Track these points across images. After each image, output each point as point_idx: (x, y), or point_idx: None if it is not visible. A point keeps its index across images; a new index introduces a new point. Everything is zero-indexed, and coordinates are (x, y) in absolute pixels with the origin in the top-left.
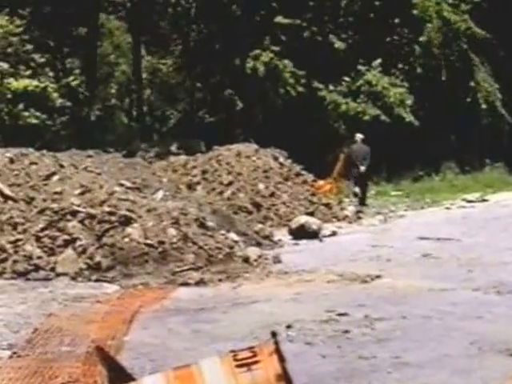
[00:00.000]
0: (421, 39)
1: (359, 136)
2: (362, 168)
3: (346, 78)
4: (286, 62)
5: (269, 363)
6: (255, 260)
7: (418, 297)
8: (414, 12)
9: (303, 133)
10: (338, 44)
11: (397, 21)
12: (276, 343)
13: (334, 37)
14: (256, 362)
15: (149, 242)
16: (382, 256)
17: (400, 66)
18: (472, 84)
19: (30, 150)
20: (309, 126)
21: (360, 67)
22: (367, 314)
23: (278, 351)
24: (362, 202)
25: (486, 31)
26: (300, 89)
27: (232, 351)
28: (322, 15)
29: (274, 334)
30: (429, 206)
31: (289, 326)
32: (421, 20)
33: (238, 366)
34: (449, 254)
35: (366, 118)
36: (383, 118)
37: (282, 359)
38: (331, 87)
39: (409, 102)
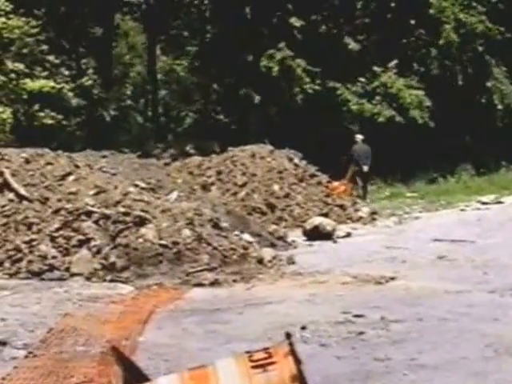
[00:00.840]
0: (438, 41)
1: (359, 136)
2: (365, 168)
3: (362, 79)
4: (299, 60)
5: (284, 364)
6: (269, 261)
7: (433, 299)
8: (431, 13)
9: (318, 134)
10: (353, 45)
11: (413, 22)
12: (291, 344)
13: (348, 38)
14: (271, 363)
15: (163, 242)
16: (396, 257)
17: (416, 67)
18: (488, 85)
19: (46, 150)
20: (323, 127)
21: (375, 68)
22: (382, 316)
23: (293, 352)
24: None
25: (503, 32)
26: (316, 87)
27: (247, 352)
28: (338, 16)
29: (288, 336)
30: (443, 207)
31: (303, 327)
32: (437, 21)
33: (254, 367)
34: (464, 255)
35: (381, 119)
36: (398, 119)
37: (297, 361)
38: (347, 86)
39: (427, 104)
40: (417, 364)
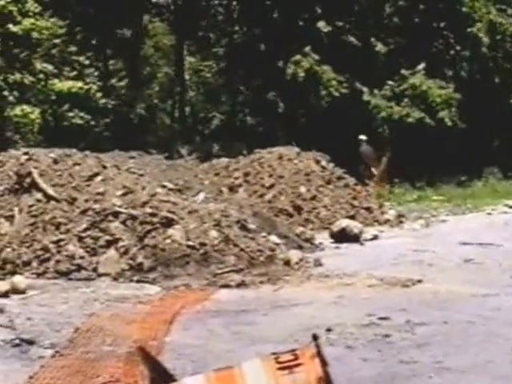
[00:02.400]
0: (467, 42)
1: (363, 137)
2: (373, 168)
3: (390, 82)
4: (326, 67)
5: (310, 366)
6: (296, 263)
7: (459, 302)
8: (461, 14)
9: (346, 136)
10: (380, 47)
11: (442, 25)
12: (318, 346)
13: (376, 41)
14: (298, 365)
15: (190, 243)
16: (423, 261)
17: (444, 69)
18: None
19: (74, 150)
20: (351, 129)
21: (403, 71)
22: (408, 319)
23: (319, 354)
24: None
25: None
26: (343, 90)
27: (274, 354)
28: (366, 19)
29: (315, 337)
30: (470, 211)
31: (329, 330)
32: (467, 23)
33: (280, 369)
34: (491, 259)
35: (410, 120)
36: (427, 120)
37: (324, 363)
38: (375, 91)
39: (454, 102)
40: (442, 367)
